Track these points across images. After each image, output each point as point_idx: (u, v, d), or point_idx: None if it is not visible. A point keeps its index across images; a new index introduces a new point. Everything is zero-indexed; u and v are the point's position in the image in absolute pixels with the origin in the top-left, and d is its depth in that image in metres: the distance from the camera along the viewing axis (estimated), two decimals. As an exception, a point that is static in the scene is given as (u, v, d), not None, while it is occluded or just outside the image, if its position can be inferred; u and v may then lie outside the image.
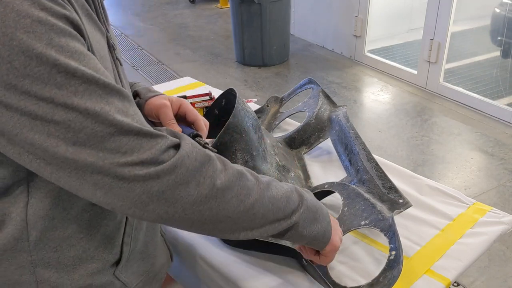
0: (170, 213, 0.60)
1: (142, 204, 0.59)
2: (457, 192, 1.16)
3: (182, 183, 0.59)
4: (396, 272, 0.81)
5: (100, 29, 0.69)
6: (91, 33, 0.64)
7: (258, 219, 0.67)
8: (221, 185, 0.62)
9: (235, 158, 1.06)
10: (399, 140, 3.03)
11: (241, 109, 1.09)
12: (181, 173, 0.59)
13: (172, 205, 0.59)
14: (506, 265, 2.06)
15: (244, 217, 0.66)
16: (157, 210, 0.59)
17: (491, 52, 3.85)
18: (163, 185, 0.58)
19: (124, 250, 0.78)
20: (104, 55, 0.68)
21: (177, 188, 0.59)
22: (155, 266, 0.88)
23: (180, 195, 0.59)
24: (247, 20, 4.04)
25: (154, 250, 0.88)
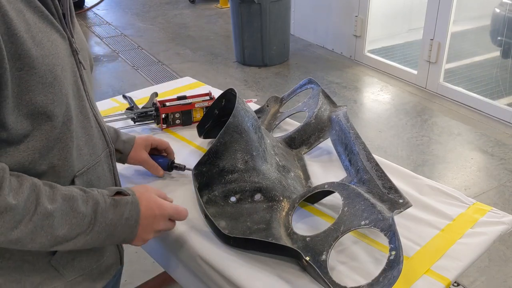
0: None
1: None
2: (457, 192, 1.16)
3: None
4: (396, 272, 0.81)
5: (58, 31, 0.73)
6: (39, 30, 0.69)
7: (24, 242, 0.71)
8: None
9: (235, 158, 1.06)
10: (399, 140, 3.03)
11: (241, 109, 1.09)
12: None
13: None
14: (506, 265, 2.06)
15: (17, 244, 0.71)
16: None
17: (491, 52, 3.85)
18: None
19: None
20: (57, 53, 0.72)
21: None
22: (100, 266, 0.91)
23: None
24: (247, 20, 4.04)
25: (101, 250, 0.90)
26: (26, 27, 0.67)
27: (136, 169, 1.23)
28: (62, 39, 0.75)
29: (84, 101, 0.81)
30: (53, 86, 0.71)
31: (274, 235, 0.97)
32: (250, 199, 1.06)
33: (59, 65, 0.72)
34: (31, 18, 0.68)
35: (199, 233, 1.03)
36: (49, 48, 0.70)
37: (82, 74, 0.81)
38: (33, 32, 0.68)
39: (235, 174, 1.06)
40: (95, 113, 0.86)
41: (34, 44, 0.67)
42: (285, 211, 1.04)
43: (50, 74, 0.70)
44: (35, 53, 0.67)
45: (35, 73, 0.68)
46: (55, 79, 0.71)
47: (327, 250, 0.90)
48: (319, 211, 1.11)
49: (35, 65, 0.67)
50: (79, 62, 0.80)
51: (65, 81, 0.74)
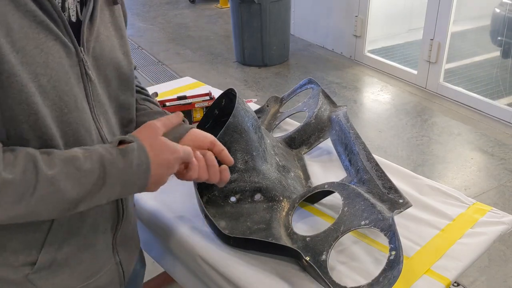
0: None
1: None
2: (457, 192, 1.16)
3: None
4: (396, 272, 0.81)
5: (57, 38, 0.69)
6: (24, 36, 0.65)
7: (45, 209, 0.69)
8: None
9: (235, 158, 1.06)
10: (399, 140, 3.03)
11: (241, 109, 1.09)
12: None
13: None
14: (506, 265, 2.06)
15: (25, 214, 0.68)
16: None
17: (491, 52, 3.85)
18: None
19: (43, 257, 0.77)
20: (46, 62, 0.68)
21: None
22: (89, 285, 0.86)
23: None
24: (247, 20, 4.04)
25: (91, 269, 0.85)
26: (5, 32, 0.63)
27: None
28: (63, 47, 0.71)
29: (85, 113, 0.77)
30: (35, 96, 0.67)
31: (274, 235, 0.97)
32: (250, 199, 1.06)
33: (46, 75, 0.68)
34: (17, 22, 0.64)
35: (199, 233, 1.03)
36: (35, 56, 0.66)
37: (87, 86, 0.77)
38: (13, 37, 0.64)
39: (235, 174, 1.06)
40: (99, 126, 0.81)
41: (13, 50, 0.64)
42: (285, 211, 1.04)
43: (33, 83, 0.66)
44: (14, 60, 0.63)
45: (16, 81, 0.64)
46: (37, 89, 0.67)
47: (327, 250, 0.90)
48: (319, 211, 1.11)
49: (15, 71, 0.64)
50: (86, 73, 0.76)
51: (53, 92, 0.70)
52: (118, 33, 0.86)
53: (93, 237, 0.84)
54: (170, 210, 1.10)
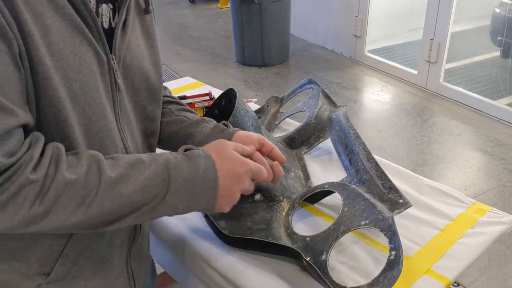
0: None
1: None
2: (457, 192, 1.16)
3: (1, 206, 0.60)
4: (396, 272, 0.81)
5: (90, 44, 0.68)
6: (61, 39, 0.64)
7: (105, 217, 0.66)
8: (38, 211, 0.62)
9: (235, 158, 1.06)
10: (399, 140, 3.03)
11: (241, 109, 1.09)
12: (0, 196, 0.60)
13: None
14: (506, 265, 2.06)
15: (83, 222, 0.65)
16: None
17: (491, 52, 3.86)
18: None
19: (58, 268, 0.76)
20: (79, 68, 0.67)
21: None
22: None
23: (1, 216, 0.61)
24: (247, 20, 4.04)
25: (104, 282, 0.84)
26: (44, 33, 0.61)
27: None
28: (95, 54, 0.69)
29: (111, 122, 0.75)
30: (66, 101, 0.65)
31: (274, 235, 0.97)
32: (250, 199, 1.06)
33: (79, 81, 0.67)
34: (55, 24, 0.63)
35: (199, 233, 1.03)
36: (70, 60, 0.65)
37: (115, 95, 0.75)
38: (51, 40, 0.62)
39: (235, 174, 1.06)
40: (123, 137, 0.79)
41: (49, 52, 0.62)
42: (285, 211, 1.04)
43: (65, 88, 0.65)
44: (49, 62, 0.62)
45: (49, 84, 0.63)
46: (68, 94, 0.65)
47: (327, 250, 0.90)
48: (319, 211, 1.11)
49: (50, 75, 0.62)
50: (115, 82, 0.74)
51: (83, 99, 0.68)
52: (149, 43, 0.85)
53: (109, 251, 0.83)
54: (170, 210, 1.10)
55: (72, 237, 0.75)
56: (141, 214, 0.69)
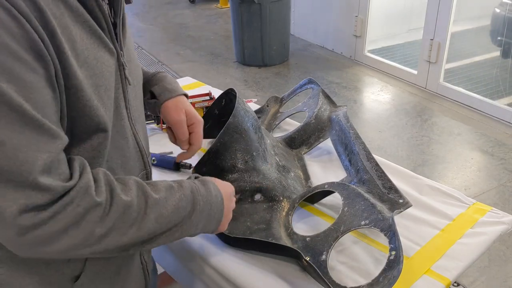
0: (46, 253, 0.63)
1: (14, 245, 0.61)
2: (457, 192, 1.16)
3: (59, 231, 0.60)
4: (396, 272, 0.81)
5: (105, 46, 0.68)
6: (85, 48, 0.63)
7: (145, 237, 0.70)
8: (101, 230, 0.64)
9: (235, 158, 1.06)
10: (399, 140, 3.03)
11: (241, 109, 1.09)
12: (60, 221, 0.60)
13: (47, 247, 0.61)
14: (506, 265, 2.06)
15: (129, 243, 0.68)
16: (31, 251, 0.62)
17: (491, 52, 3.85)
18: (41, 232, 0.59)
19: (87, 269, 0.76)
20: (102, 72, 0.67)
21: (54, 235, 0.60)
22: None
23: (57, 241, 0.61)
24: (247, 20, 4.04)
25: (127, 277, 0.86)
26: (71, 45, 0.61)
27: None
28: (110, 54, 0.69)
29: (123, 119, 0.75)
30: (98, 109, 0.65)
31: (274, 235, 0.97)
32: (250, 199, 1.06)
33: (103, 86, 0.67)
34: (78, 34, 0.62)
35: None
36: (94, 67, 0.65)
37: (125, 90, 0.75)
38: (78, 51, 0.62)
39: (235, 174, 1.06)
40: (135, 132, 0.80)
41: (79, 65, 0.62)
42: (285, 211, 1.04)
43: (95, 96, 0.65)
44: (81, 74, 0.62)
45: (82, 96, 0.63)
46: (98, 101, 0.65)
47: (327, 250, 0.90)
48: (319, 211, 1.11)
49: (82, 86, 0.62)
50: (125, 78, 0.75)
51: (108, 101, 0.68)
52: (129, 32, 0.85)
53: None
54: (170, 210, 1.10)
55: None
56: (170, 234, 0.74)
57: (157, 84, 0.97)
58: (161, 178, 1.22)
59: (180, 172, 1.25)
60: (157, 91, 0.97)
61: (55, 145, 0.59)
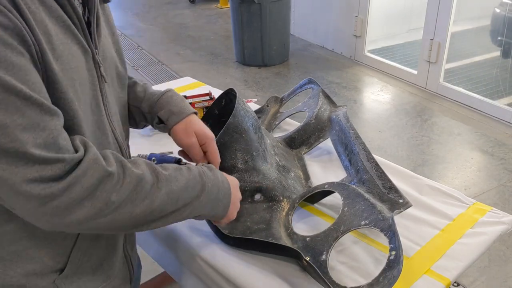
0: (65, 225, 0.65)
1: (36, 217, 0.64)
2: (457, 192, 1.16)
3: (76, 201, 0.63)
4: (396, 272, 0.81)
5: (79, 42, 0.70)
6: (60, 42, 0.66)
7: (157, 213, 0.72)
8: (116, 199, 0.66)
9: (235, 158, 1.06)
10: (399, 140, 3.03)
11: (241, 109, 1.09)
12: (75, 191, 0.62)
13: (67, 218, 0.64)
14: (506, 265, 2.06)
15: (141, 217, 0.71)
16: (52, 222, 0.64)
17: (491, 52, 3.85)
18: (58, 203, 0.62)
19: (71, 261, 0.77)
20: (76, 67, 0.69)
21: (71, 205, 0.63)
22: (107, 286, 0.87)
23: (74, 211, 0.63)
24: (247, 20, 4.04)
25: (110, 269, 0.87)
26: (47, 39, 0.63)
27: None
28: (83, 51, 0.71)
29: (102, 115, 0.78)
30: (73, 102, 0.67)
31: (274, 235, 0.97)
32: (250, 199, 1.06)
33: (78, 80, 0.69)
34: (53, 29, 0.64)
35: (199, 233, 1.03)
36: (69, 61, 0.67)
37: (102, 88, 0.78)
38: (54, 45, 0.64)
39: (235, 174, 1.06)
40: (113, 127, 0.82)
41: (54, 57, 0.64)
42: (285, 211, 1.04)
43: (71, 89, 0.67)
44: (56, 67, 0.64)
45: (57, 88, 0.65)
46: (73, 94, 0.68)
47: (327, 250, 0.90)
48: (319, 211, 1.11)
49: (58, 79, 0.64)
50: (101, 75, 0.77)
51: (82, 96, 0.71)
52: (111, 31, 0.87)
53: (115, 237, 0.86)
54: (170, 210, 1.10)
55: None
56: (179, 213, 0.76)
57: (163, 109, 0.97)
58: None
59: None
60: (164, 117, 0.97)
61: (56, 122, 0.62)
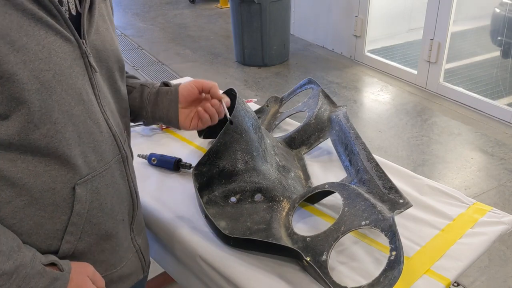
0: None
1: None
2: (457, 192, 1.16)
3: None
4: (396, 273, 0.81)
5: (58, 33, 0.71)
6: (24, 34, 0.66)
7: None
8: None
9: (235, 158, 1.06)
10: (399, 140, 3.03)
11: (241, 109, 1.09)
12: None
13: None
14: (506, 265, 2.06)
15: None
16: None
17: (491, 52, 3.85)
18: None
19: (63, 246, 0.78)
20: (47, 58, 0.69)
21: None
22: (113, 275, 0.88)
23: None
24: (247, 20, 4.04)
25: (113, 258, 0.88)
26: (3, 32, 0.64)
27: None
28: (65, 41, 0.72)
29: (93, 105, 0.78)
30: (40, 92, 0.68)
31: (275, 236, 0.97)
32: (250, 199, 1.06)
33: (51, 70, 0.70)
34: (15, 21, 0.65)
35: (199, 233, 1.03)
36: (37, 52, 0.68)
37: (92, 77, 0.78)
38: (13, 37, 0.65)
39: (235, 174, 1.06)
40: (106, 117, 0.82)
41: (13, 49, 0.65)
42: (285, 211, 1.04)
43: (36, 80, 0.68)
44: (14, 58, 0.65)
45: (16, 80, 0.65)
46: (42, 85, 0.68)
47: (328, 250, 0.90)
48: (320, 211, 1.11)
49: (15, 71, 0.65)
50: (90, 65, 0.77)
51: (59, 86, 0.71)
52: (112, 26, 0.89)
53: (113, 226, 0.86)
54: (170, 210, 1.10)
55: (73, 213, 0.78)
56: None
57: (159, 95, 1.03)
58: (161, 178, 1.22)
59: (180, 172, 1.25)
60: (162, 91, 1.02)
61: None
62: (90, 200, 0.80)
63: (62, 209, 0.76)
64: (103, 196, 0.82)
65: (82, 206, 0.78)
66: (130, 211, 0.91)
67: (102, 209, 0.82)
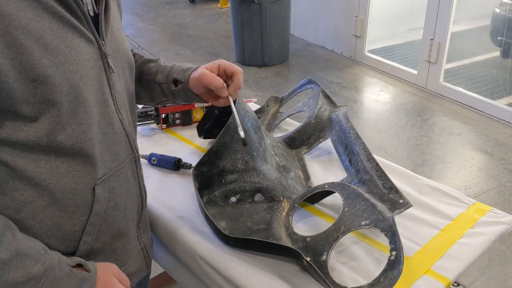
0: None
1: None
2: (457, 192, 1.16)
3: None
4: (396, 273, 0.81)
5: (82, 35, 0.71)
6: (56, 37, 0.67)
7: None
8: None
9: (235, 158, 1.06)
10: (399, 140, 3.03)
11: (241, 109, 1.09)
12: None
13: None
14: (506, 265, 2.06)
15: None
16: None
17: (491, 52, 3.85)
18: None
19: (81, 247, 0.79)
20: (75, 60, 0.70)
21: None
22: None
23: None
24: (247, 20, 4.04)
25: (124, 255, 0.89)
26: (37, 35, 0.65)
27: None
28: (88, 42, 0.73)
29: (108, 106, 0.79)
30: (69, 94, 0.69)
31: (275, 236, 0.97)
32: (250, 199, 1.06)
33: (78, 72, 0.70)
34: (46, 24, 0.66)
35: (199, 233, 1.03)
36: (66, 54, 0.69)
37: (110, 78, 0.79)
38: (46, 40, 0.66)
39: (235, 174, 1.06)
40: (121, 117, 0.83)
41: (46, 52, 0.66)
42: (285, 211, 1.04)
43: (67, 82, 0.68)
44: (47, 61, 0.66)
45: (50, 82, 0.66)
46: (71, 87, 0.69)
47: (328, 250, 0.90)
48: (320, 211, 1.11)
49: (48, 74, 0.66)
50: (108, 66, 0.78)
51: (85, 87, 0.72)
52: (121, 25, 0.89)
53: (125, 224, 0.87)
54: (170, 210, 1.10)
55: (92, 214, 0.78)
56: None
57: (176, 71, 1.03)
58: (161, 178, 1.22)
59: (180, 171, 1.25)
60: (180, 75, 1.02)
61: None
62: (107, 200, 0.80)
63: (82, 209, 0.77)
64: (118, 195, 0.83)
65: (101, 206, 0.79)
66: (139, 209, 0.92)
67: (117, 208, 0.83)
